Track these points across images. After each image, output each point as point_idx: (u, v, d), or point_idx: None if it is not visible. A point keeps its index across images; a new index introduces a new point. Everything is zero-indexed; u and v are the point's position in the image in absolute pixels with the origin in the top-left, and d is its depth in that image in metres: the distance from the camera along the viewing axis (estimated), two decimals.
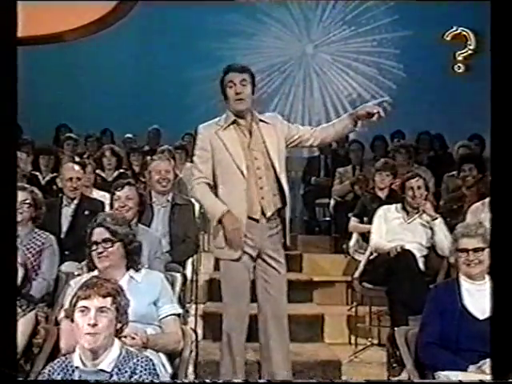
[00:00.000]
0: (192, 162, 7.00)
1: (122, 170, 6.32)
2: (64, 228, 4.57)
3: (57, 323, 3.08)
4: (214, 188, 3.57)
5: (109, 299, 2.50)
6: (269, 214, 3.55)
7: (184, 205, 4.64)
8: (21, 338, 2.87)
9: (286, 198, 3.59)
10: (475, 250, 3.13)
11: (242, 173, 3.51)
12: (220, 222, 3.48)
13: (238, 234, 3.46)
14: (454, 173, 5.63)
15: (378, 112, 3.50)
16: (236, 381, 3.52)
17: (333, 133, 3.70)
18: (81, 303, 2.48)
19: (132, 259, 3.14)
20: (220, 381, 3.57)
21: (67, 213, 4.64)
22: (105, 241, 3.07)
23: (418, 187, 4.72)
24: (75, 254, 4.10)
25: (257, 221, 3.54)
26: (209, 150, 3.57)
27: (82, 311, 2.47)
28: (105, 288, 2.51)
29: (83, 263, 3.34)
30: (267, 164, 3.57)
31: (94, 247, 3.06)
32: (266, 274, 3.59)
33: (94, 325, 2.43)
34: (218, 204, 3.51)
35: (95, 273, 3.03)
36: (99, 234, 3.08)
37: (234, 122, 3.59)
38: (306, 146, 3.79)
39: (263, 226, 3.55)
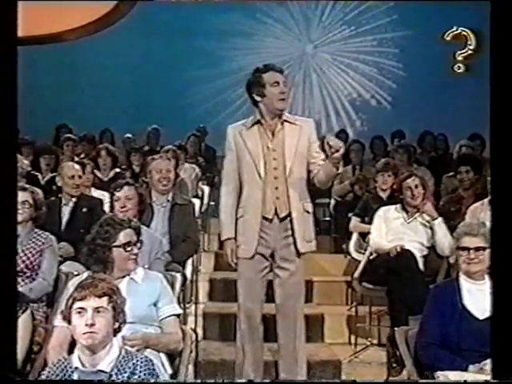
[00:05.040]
0: (189, 162, 7.05)
1: (117, 170, 6.31)
2: (62, 226, 4.56)
3: None
4: (239, 188, 3.62)
5: (105, 299, 2.49)
6: (282, 214, 3.57)
7: (184, 205, 4.63)
8: (21, 340, 2.86)
9: (291, 200, 3.57)
10: (477, 249, 3.12)
11: (258, 172, 3.55)
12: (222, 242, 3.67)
13: (228, 259, 3.61)
14: (453, 173, 5.63)
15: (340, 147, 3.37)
16: (238, 381, 3.53)
17: (324, 175, 3.60)
18: (77, 304, 2.48)
19: None
20: (220, 381, 3.58)
21: (66, 211, 4.64)
22: (137, 242, 3.10)
23: (416, 186, 4.71)
24: (74, 253, 4.13)
25: (270, 220, 3.56)
26: (233, 150, 3.63)
27: (79, 312, 2.47)
28: (100, 288, 2.50)
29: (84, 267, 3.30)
30: (285, 165, 3.58)
31: (129, 248, 3.05)
32: (279, 274, 3.61)
33: (92, 325, 2.43)
34: (226, 228, 3.62)
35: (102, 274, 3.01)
36: (130, 235, 3.09)
37: (257, 122, 3.61)
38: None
39: (277, 226, 3.58)
